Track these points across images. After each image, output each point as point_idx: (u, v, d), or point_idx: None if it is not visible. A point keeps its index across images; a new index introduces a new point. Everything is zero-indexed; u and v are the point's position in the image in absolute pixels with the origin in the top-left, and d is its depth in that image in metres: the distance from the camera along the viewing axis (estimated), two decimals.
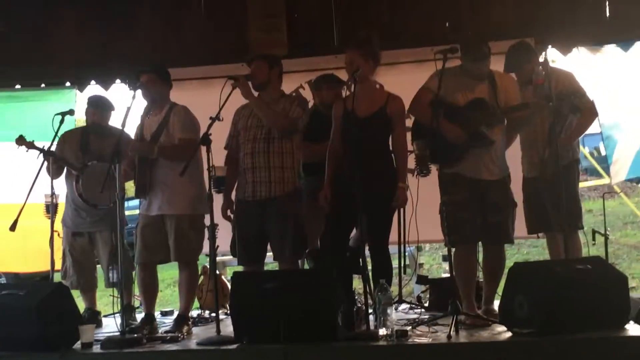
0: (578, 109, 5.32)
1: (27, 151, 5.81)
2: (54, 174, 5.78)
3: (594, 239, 5.57)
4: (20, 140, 5.85)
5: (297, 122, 5.24)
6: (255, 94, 5.24)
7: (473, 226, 4.95)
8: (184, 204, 5.39)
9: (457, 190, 4.89)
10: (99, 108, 6.08)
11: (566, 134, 5.41)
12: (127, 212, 5.37)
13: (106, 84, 7.29)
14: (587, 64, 6.62)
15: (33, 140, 5.80)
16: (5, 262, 7.70)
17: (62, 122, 5.81)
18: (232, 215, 5.39)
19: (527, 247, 10.29)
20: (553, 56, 6.99)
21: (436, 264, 9.84)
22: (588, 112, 5.50)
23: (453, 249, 5.03)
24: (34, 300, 4.68)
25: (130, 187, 6.05)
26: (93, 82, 7.32)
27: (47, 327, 4.62)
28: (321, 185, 5.17)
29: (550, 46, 6.55)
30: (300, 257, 5.47)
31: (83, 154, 5.95)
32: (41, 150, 5.77)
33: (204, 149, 4.87)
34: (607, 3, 6.68)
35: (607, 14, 6.69)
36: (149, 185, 5.42)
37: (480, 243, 5.15)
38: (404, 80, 5.98)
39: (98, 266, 6.20)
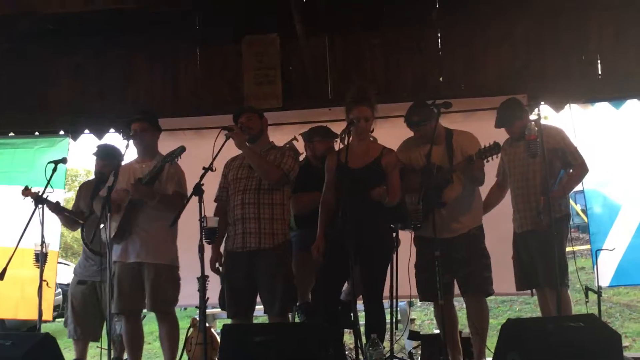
0: (570, 164, 5.48)
1: (32, 202, 5.77)
2: (70, 225, 5.79)
3: (587, 296, 5.52)
4: (27, 192, 5.84)
5: (288, 173, 5.23)
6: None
7: (439, 283, 4.91)
8: (163, 254, 5.39)
9: (422, 252, 5.21)
10: (105, 158, 6.07)
11: (558, 188, 5.43)
12: None
13: (100, 133, 7.29)
14: (579, 121, 6.65)
15: (38, 191, 5.77)
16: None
17: (54, 170, 5.79)
18: (220, 268, 5.33)
19: (519, 304, 10.22)
20: (545, 113, 7.07)
21: (428, 319, 9.75)
22: (579, 167, 5.54)
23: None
24: (19, 352, 4.62)
25: None
26: (87, 131, 7.31)
27: None
28: (313, 237, 5.14)
29: (542, 103, 6.59)
30: (289, 311, 5.41)
31: (92, 202, 5.94)
32: (47, 201, 5.75)
33: (194, 200, 4.84)
34: (599, 61, 6.75)
35: (600, 72, 6.76)
36: (129, 232, 5.39)
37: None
38: (397, 134, 5.99)
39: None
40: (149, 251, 5.36)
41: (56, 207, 5.90)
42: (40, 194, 5.70)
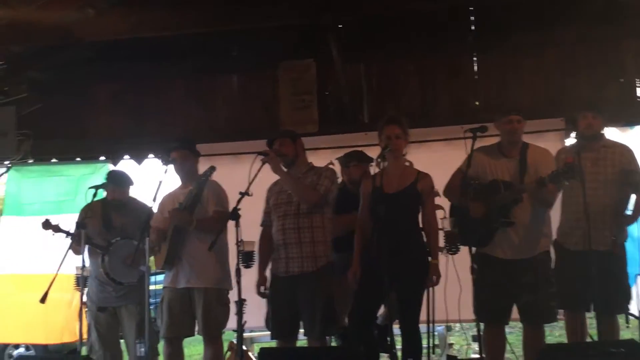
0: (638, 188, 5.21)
1: (53, 234, 5.90)
2: (77, 251, 5.86)
3: (627, 321, 5.44)
4: (47, 225, 5.96)
5: (326, 195, 5.25)
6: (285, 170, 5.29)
7: (499, 307, 4.89)
8: (213, 278, 5.41)
9: (485, 271, 4.83)
10: (118, 184, 6.15)
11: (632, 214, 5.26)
12: (150, 287, 5.39)
13: (139, 159, 7.40)
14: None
15: (58, 224, 5.89)
16: (31, 334, 7.70)
17: (95, 195, 5.89)
18: (265, 292, 5.36)
19: (559, 329, 10.08)
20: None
21: (466, 344, 9.64)
22: None
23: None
24: None
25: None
26: (127, 156, 7.43)
27: None
28: (350, 262, 5.16)
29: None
30: (329, 334, 5.40)
31: (107, 231, 6.01)
32: (67, 232, 5.87)
33: (231, 224, 4.89)
34: (637, 85, 6.71)
35: (638, 94, 6.71)
36: (178, 257, 5.45)
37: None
38: (433, 158, 6.01)
39: (121, 340, 6.19)
40: (199, 276, 5.41)
41: (87, 241, 5.95)
42: (79, 220, 5.81)
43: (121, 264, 5.75)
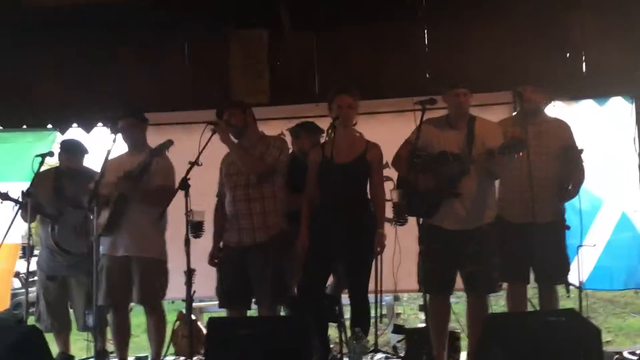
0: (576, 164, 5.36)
1: (1, 202, 5.82)
2: (29, 218, 5.78)
3: (568, 291, 5.58)
4: (4, 196, 5.86)
5: (274, 164, 5.26)
6: (234, 140, 5.28)
7: (445, 277, 4.98)
8: (152, 247, 5.44)
9: (431, 241, 4.88)
10: (72, 153, 6.09)
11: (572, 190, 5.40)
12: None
13: (88, 127, 7.30)
14: (564, 117, 6.70)
15: (7, 191, 5.82)
16: None
17: (42, 163, 5.81)
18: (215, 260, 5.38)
19: (504, 300, 10.28)
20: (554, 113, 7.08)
21: (413, 313, 9.81)
22: (582, 172, 5.49)
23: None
24: (5, 343, 4.62)
25: None
26: (75, 125, 7.32)
27: None
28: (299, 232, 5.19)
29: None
30: (280, 303, 5.45)
31: (58, 199, 5.94)
32: (15, 201, 5.79)
33: (181, 194, 4.88)
34: (584, 59, 6.80)
35: (584, 70, 6.81)
36: (117, 225, 5.41)
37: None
38: (382, 129, 6.04)
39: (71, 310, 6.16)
40: (137, 245, 5.41)
41: (36, 209, 5.90)
42: (26, 189, 5.73)
43: (72, 234, 5.71)
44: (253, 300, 5.31)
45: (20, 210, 5.80)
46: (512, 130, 5.03)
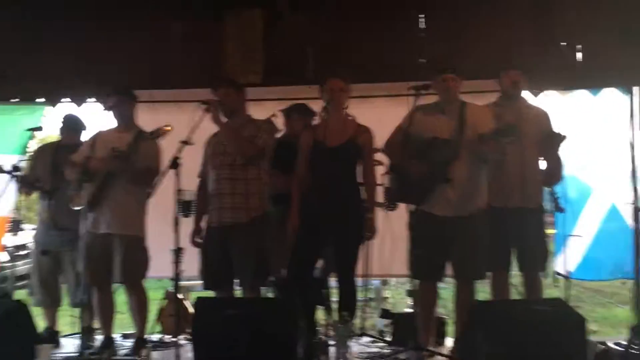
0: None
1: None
2: (26, 193, 5.77)
3: (555, 281, 5.60)
4: None
5: (263, 149, 5.25)
6: (225, 120, 5.26)
7: (434, 263, 4.98)
8: (134, 225, 5.44)
9: (421, 227, 4.91)
10: (71, 129, 6.08)
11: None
12: None
13: (79, 101, 7.25)
14: (557, 106, 6.71)
15: (2, 165, 5.76)
16: None
17: (31, 137, 5.78)
18: (199, 241, 5.37)
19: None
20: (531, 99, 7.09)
21: (401, 298, 9.83)
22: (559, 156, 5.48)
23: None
24: None
25: None
26: (66, 99, 7.27)
27: (3, 345, 4.56)
28: (288, 214, 5.18)
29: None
30: (261, 285, 5.43)
31: (55, 173, 5.92)
32: (9, 172, 5.75)
33: (171, 173, 4.86)
34: (580, 49, 6.78)
35: (579, 60, 6.80)
36: (100, 202, 5.39)
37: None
38: (376, 114, 6.02)
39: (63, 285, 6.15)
40: (119, 222, 5.38)
41: (31, 184, 5.89)
42: (15, 163, 5.70)
43: (67, 209, 5.68)
44: (236, 281, 5.31)
45: (17, 184, 5.79)
46: (509, 118, 5.02)
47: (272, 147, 5.33)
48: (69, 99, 7.27)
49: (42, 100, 7.33)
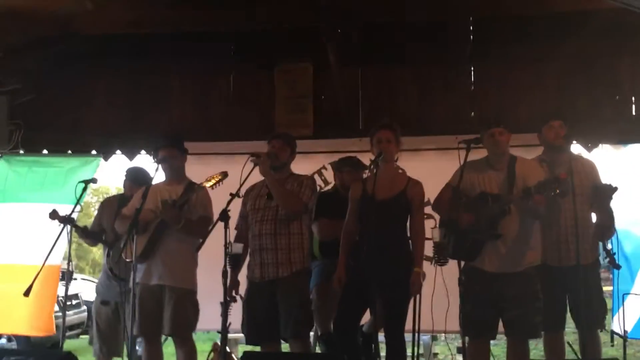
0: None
1: (59, 225, 5.82)
2: (90, 244, 5.86)
3: (612, 340, 5.43)
4: (54, 215, 5.90)
5: (307, 204, 5.25)
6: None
7: (484, 320, 4.86)
8: (186, 278, 5.41)
9: (472, 283, 4.80)
10: (134, 181, 6.15)
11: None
12: None
13: (131, 155, 7.37)
14: (609, 159, 6.59)
15: (66, 215, 5.83)
16: (14, 324, 7.61)
17: (85, 189, 5.86)
18: (236, 296, 5.32)
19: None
20: (577, 151, 6.99)
21: (451, 354, 9.64)
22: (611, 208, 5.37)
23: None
24: None
25: None
26: (118, 152, 7.40)
27: None
28: (336, 267, 5.13)
29: (574, 142, 6.53)
30: (303, 338, 5.32)
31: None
32: (75, 225, 5.83)
33: (220, 225, 4.85)
34: (633, 103, 6.70)
35: (633, 113, 6.71)
36: (153, 252, 5.41)
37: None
38: (426, 167, 5.98)
39: None
40: (171, 274, 5.38)
41: (83, 232, 5.98)
42: (68, 214, 5.76)
43: (126, 261, 5.70)
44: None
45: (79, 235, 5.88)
46: (558, 172, 4.91)
47: (314, 203, 5.32)
48: (120, 152, 7.40)
49: (95, 152, 7.47)
